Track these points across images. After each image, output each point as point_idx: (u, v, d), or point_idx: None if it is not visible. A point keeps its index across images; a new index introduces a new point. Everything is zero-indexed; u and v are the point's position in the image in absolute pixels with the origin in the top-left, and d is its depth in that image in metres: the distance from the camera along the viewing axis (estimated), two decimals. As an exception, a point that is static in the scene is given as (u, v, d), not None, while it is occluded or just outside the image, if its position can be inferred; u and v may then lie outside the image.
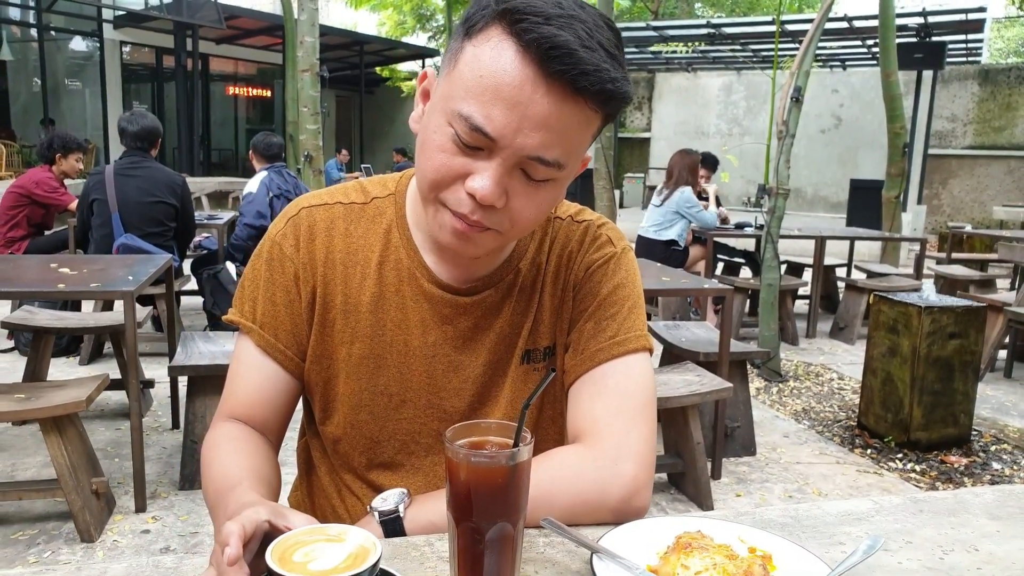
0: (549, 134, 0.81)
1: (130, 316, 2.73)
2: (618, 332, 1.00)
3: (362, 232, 1.03)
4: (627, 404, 0.97)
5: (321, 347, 1.03)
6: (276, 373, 1.02)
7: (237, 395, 1.03)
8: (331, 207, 1.04)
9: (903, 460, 3.64)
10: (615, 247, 1.06)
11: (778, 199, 4.82)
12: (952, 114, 14.79)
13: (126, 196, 4.34)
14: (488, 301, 1.02)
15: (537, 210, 0.89)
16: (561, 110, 0.81)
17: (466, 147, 0.83)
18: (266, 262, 1.03)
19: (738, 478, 3.39)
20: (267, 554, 0.68)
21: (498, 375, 1.04)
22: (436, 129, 0.86)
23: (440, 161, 0.85)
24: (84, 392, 2.58)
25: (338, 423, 1.06)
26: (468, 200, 0.85)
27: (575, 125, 0.83)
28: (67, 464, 2.56)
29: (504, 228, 0.88)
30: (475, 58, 0.82)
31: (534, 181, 0.86)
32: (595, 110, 0.84)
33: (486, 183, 0.83)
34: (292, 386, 1.04)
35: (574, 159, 0.87)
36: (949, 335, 3.69)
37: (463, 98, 0.82)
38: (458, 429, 0.78)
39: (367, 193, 1.06)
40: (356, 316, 1.02)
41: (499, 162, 0.83)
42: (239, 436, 1.00)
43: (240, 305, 1.04)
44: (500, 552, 0.75)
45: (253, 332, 1.01)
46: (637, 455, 0.94)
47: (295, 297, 1.02)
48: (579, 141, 0.86)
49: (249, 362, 1.03)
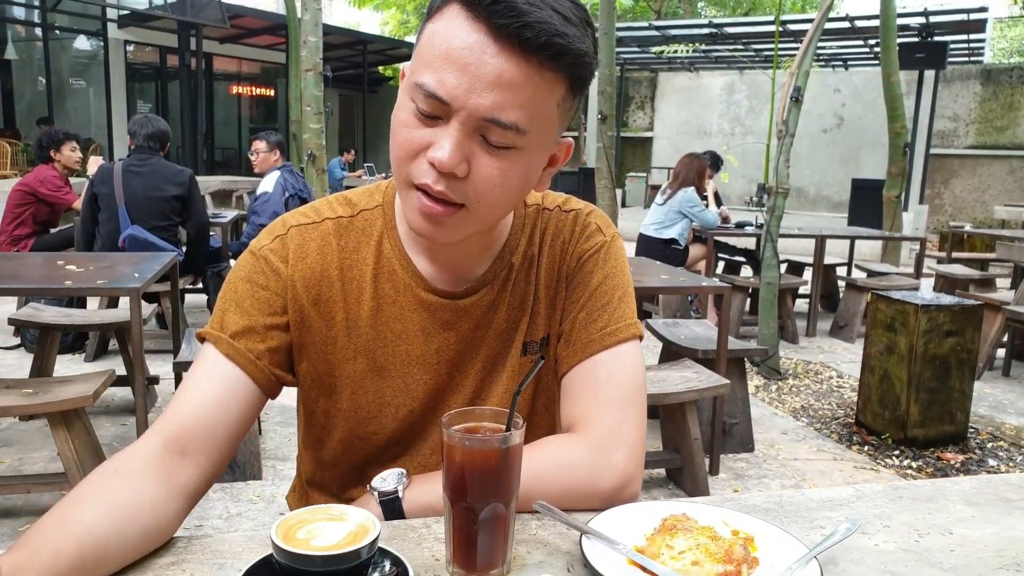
0: (502, 93, 0.81)
1: (136, 312, 2.78)
2: (609, 322, 1.03)
3: (354, 246, 1.02)
4: (618, 395, 1.00)
5: (323, 364, 1.03)
6: (239, 381, 0.95)
7: (182, 404, 0.93)
8: (320, 224, 1.03)
9: (900, 457, 3.67)
10: (604, 235, 1.08)
11: (777, 198, 4.85)
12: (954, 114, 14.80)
13: (133, 191, 4.45)
14: (485, 300, 1.03)
15: (503, 181, 0.87)
16: (513, 69, 0.81)
17: (426, 117, 0.85)
18: (247, 276, 1.00)
19: (736, 474, 3.43)
20: (272, 531, 0.72)
21: (497, 369, 1.06)
22: (401, 107, 0.88)
23: (404, 136, 0.87)
24: (91, 387, 2.62)
25: (340, 438, 1.07)
26: (430, 169, 0.85)
27: (531, 86, 0.82)
28: (74, 458, 2.60)
29: (470, 201, 0.87)
30: (432, 33, 0.84)
31: (495, 148, 0.85)
32: (553, 72, 0.83)
33: (444, 148, 0.83)
34: (253, 398, 0.97)
35: (537, 126, 0.85)
36: (946, 333, 3.72)
37: (420, 70, 0.84)
38: (454, 415, 0.82)
39: (353, 205, 1.05)
40: (357, 331, 1.02)
41: (456, 127, 0.83)
42: (132, 472, 0.86)
43: (210, 321, 1.00)
44: (493, 531, 0.79)
45: (221, 341, 0.96)
46: (628, 446, 0.98)
47: (278, 311, 0.99)
48: (539, 106, 0.84)
49: (208, 369, 0.96)
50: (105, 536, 0.77)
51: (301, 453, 1.19)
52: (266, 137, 5.33)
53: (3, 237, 5.17)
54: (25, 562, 0.71)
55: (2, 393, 2.56)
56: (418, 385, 1.04)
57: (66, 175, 5.40)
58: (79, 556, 0.74)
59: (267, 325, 0.99)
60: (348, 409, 1.05)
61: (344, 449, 1.08)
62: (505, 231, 1.05)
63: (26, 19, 13.99)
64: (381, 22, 21.62)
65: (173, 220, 4.60)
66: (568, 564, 0.83)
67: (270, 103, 18.80)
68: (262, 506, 2.94)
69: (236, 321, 0.97)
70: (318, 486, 1.15)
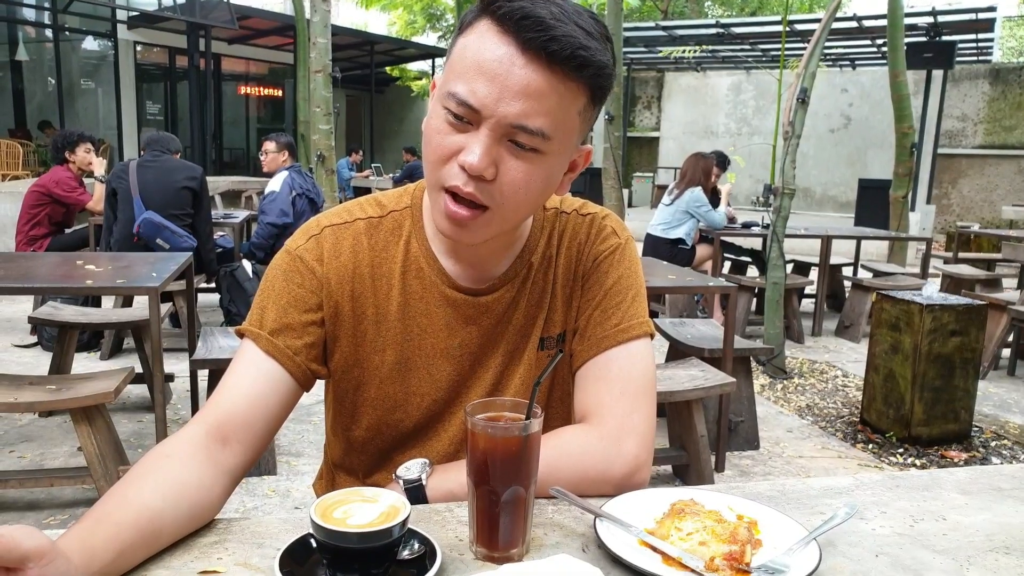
0: (529, 102, 0.88)
1: (155, 311, 2.84)
2: (622, 320, 1.09)
3: (383, 245, 1.09)
4: (629, 388, 1.06)
5: (354, 356, 1.09)
6: (278, 376, 1.02)
7: (223, 395, 1.00)
8: (352, 224, 1.09)
9: (904, 455, 3.72)
10: (619, 238, 1.14)
11: (783, 199, 4.89)
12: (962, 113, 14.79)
13: (146, 182, 4.71)
14: (506, 297, 1.10)
15: (527, 184, 0.93)
16: (540, 80, 0.88)
17: (457, 123, 0.91)
18: (283, 274, 1.06)
19: (741, 471, 3.48)
20: (311, 510, 0.78)
21: (515, 362, 1.12)
22: (433, 115, 0.95)
23: (437, 142, 0.93)
24: (111, 384, 2.69)
25: (367, 425, 1.13)
26: (461, 172, 0.91)
27: (556, 96, 0.89)
28: (96, 452, 2.67)
29: (495, 203, 0.93)
30: (463, 47, 0.92)
31: (521, 151, 0.91)
32: (576, 82, 0.90)
33: (474, 152, 0.89)
34: (290, 391, 1.04)
35: (560, 132, 0.92)
36: (950, 333, 3.76)
37: (453, 81, 0.91)
38: (477, 405, 0.88)
39: (383, 207, 1.11)
40: (387, 324, 1.08)
41: (486, 133, 0.89)
42: (181, 454, 0.92)
43: (249, 317, 1.07)
44: (513, 513, 0.85)
45: (260, 338, 1.02)
46: (639, 435, 1.04)
47: (313, 308, 1.05)
48: (563, 114, 0.91)
49: (248, 364, 1.02)
50: (160, 511, 0.83)
51: (329, 439, 1.25)
52: (276, 138, 5.43)
53: (19, 237, 5.25)
54: (88, 535, 0.77)
55: (26, 389, 2.64)
56: (442, 376, 1.11)
57: (81, 176, 5.48)
58: (137, 529, 0.80)
59: (304, 322, 1.05)
60: (376, 398, 1.11)
61: (372, 435, 1.14)
62: (525, 233, 1.11)
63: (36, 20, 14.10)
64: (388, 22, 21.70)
65: (186, 211, 4.78)
66: (583, 545, 0.89)
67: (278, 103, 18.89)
68: (277, 500, 3.01)
69: (274, 318, 1.04)
70: (346, 470, 1.22)
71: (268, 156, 5.40)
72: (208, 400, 1.02)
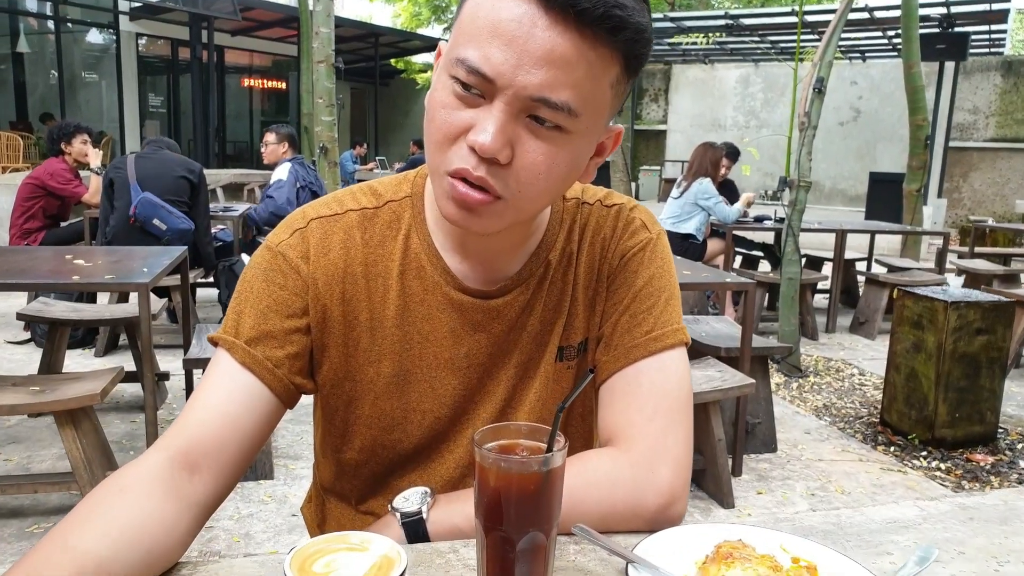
0: (553, 70, 0.73)
1: (144, 308, 2.71)
2: (654, 327, 0.95)
3: (379, 240, 0.95)
4: (663, 405, 0.92)
5: (344, 368, 0.95)
6: (256, 392, 0.88)
7: (191, 415, 0.86)
8: (342, 216, 0.95)
9: (927, 458, 3.57)
10: (650, 232, 1.00)
11: (799, 191, 4.74)
12: (974, 106, 14.57)
13: (144, 171, 4.61)
14: (520, 301, 0.96)
15: (548, 169, 0.78)
16: (566, 44, 0.73)
17: (467, 96, 0.76)
18: (263, 274, 0.92)
19: (759, 475, 3.34)
20: (286, 564, 0.64)
21: (529, 375, 0.98)
22: (439, 87, 0.80)
23: (442, 118, 0.79)
24: (99, 385, 2.56)
25: (361, 446, 0.99)
26: (470, 155, 0.77)
27: (585, 64, 0.74)
28: (82, 457, 2.54)
29: (510, 191, 0.79)
30: (476, 4, 0.76)
31: (543, 129, 0.77)
32: (609, 48, 0.75)
33: (486, 130, 0.75)
34: (271, 409, 0.89)
35: (589, 108, 0.77)
36: (976, 331, 3.61)
37: (462, 45, 0.76)
38: (487, 432, 0.73)
39: (379, 196, 0.97)
40: (382, 332, 0.94)
41: (501, 107, 0.75)
42: (137, 488, 0.78)
43: (223, 324, 0.92)
44: (531, 562, 0.70)
45: (236, 348, 0.88)
46: (674, 460, 0.90)
47: (297, 313, 0.91)
48: (593, 86, 0.76)
49: (221, 378, 0.88)
50: (108, 559, 0.70)
51: (318, 460, 1.11)
52: (276, 129, 5.33)
53: (13, 231, 5.12)
54: None
55: (9, 391, 2.51)
56: (446, 390, 0.96)
57: (76, 168, 5.35)
58: None
59: (286, 329, 0.91)
60: (371, 415, 0.97)
61: (365, 457, 1.00)
62: (542, 226, 0.97)
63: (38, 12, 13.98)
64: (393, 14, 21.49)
65: (183, 199, 4.69)
66: (614, 598, 0.75)
67: (282, 96, 18.74)
68: (274, 506, 2.88)
69: (252, 325, 0.90)
70: (336, 495, 1.08)
71: (268, 147, 5.30)
72: (174, 421, 0.88)
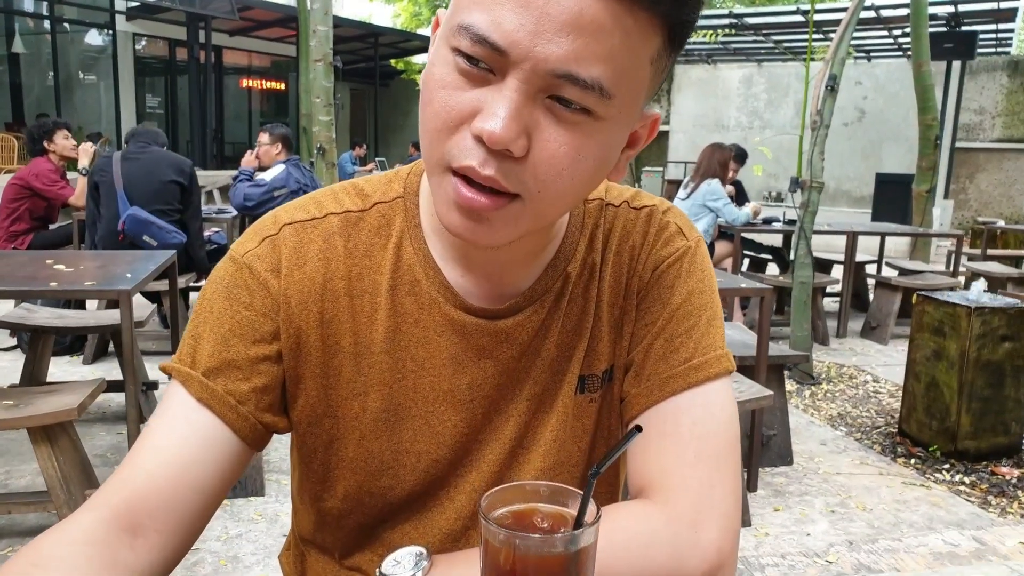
0: (581, 39, 0.57)
1: (127, 317, 2.55)
2: (694, 353, 0.79)
3: (365, 250, 0.79)
4: (707, 448, 0.76)
5: (324, 403, 0.79)
6: (215, 434, 0.73)
7: (136, 463, 0.71)
8: (322, 221, 0.79)
9: (950, 471, 3.41)
10: (687, 239, 0.83)
11: (812, 192, 4.58)
12: (980, 106, 14.42)
13: (131, 176, 4.36)
14: (533, 321, 0.79)
15: (573, 163, 0.63)
16: (598, 5, 0.57)
17: (473, 71, 0.61)
18: (225, 290, 0.76)
19: (775, 490, 3.18)
20: None
21: (544, 410, 0.82)
22: (437, 62, 0.64)
23: (442, 101, 0.62)
24: (77, 399, 2.40)
25: (345, 494, 0.83)
26: (476, 147, 0.61)
27: (620, 32, 0.58)
28: (58, 476, 2.38)
29: (528, 191, 0.63)
30: None
31: (568, 113, 0.61)
32: (650, 14, 0.59)
33: (497, 115, 0.59)
34: (234, 454, 0.74)
35: (624, 88, 0.61)
36: (1001, 338, 3.45)
37: (466, 7, 0.60)
38: (496, 495, 0.58)
39: (366, 197, 0.82)
40: (369, 359, 0.78)
41: (515, 86, 0.59)
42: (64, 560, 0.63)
43: (178, 351, 0.78)
44: (556, 670, 0.55)
45: (191, 380, 0.73)
46: (722, 517, 0.74)
47: (266, 337, 0.76)
48: (630, 60, 0.60)
49: (174, 418, 0.73)
50: None
51: (296, 507, 0.95)
52: (270, 130, 5.17)
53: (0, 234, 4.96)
54: None
55: (-21, 405, 2.35)
56: (445, 428, 0.81)
57: (63, 167, 5.18)
58: None
59: (253, 357, 0.76)
60: (355, 458, 0.81)
61: (350, 507, 0.84)
62: (560, 233, 0.81)
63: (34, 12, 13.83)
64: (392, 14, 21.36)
65: (174, 206, 4.44)
66: None
67: (281, 97, 18.61)
68: (264, 526, 2.72)
69: (212, 353, 0.74)
70: (317, 548, 0.92)
71: (261, 148, 5.14)
72: (115, 471, 0.73)
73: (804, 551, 2.61)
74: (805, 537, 2.77)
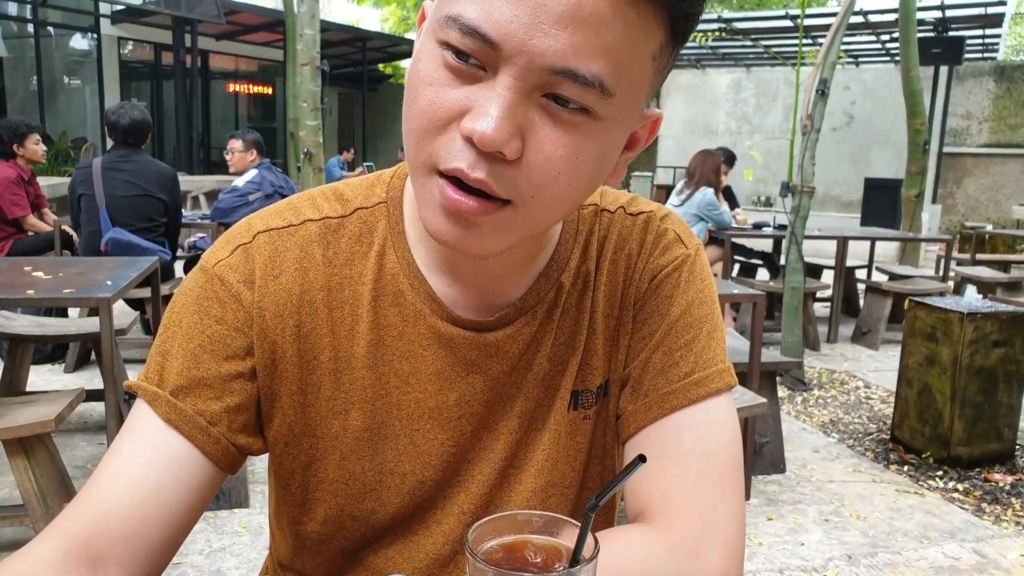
0: (581, 32, 0.54)
1: (107, 325, 2.49)
2: (695, 367, 0.75)
3: (345, 258, 0.75)
4: (710, 469, 0.72)
5: (302, 422, 0.75)
6: (184, 457, 0.68)
7: (98, 489, 0.67)
8: (299, 228, 0.75)
9: (943, 478, 3.38)
10: (686, 247, 0.79)
11: (803, 197, 4.56)
12: (967, 111, 14.51)
13: (114, 191, 4.17)
14: (524, 333, 0.75)
15: (570, 167, 0.59)
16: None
17: (462, 67, 0.57)
18: (195, 303, 0.72)
19: (768, 499, 3.14)
20: None
21: (536, 427, 0.78)
22: (423, 57, 0.60)
23: (427, 98, 0.58)
24: (55, 409, 2.34)
25: (324, 517, 0.78)
26: (465, 148, 0.57)
27: (622, 25, 0.55)
28: (35, 489, 2.32)
29: (521, 196, 0.59)
30: None
31: (565, 113, 0.57)
32: (652, 7, 0.56)
33: (488, 115, 0.55)
34: (204, 478, 0.70)
35: (625, 86, 0.58)
36: (993, 343, 3.43)
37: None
38: (483, 527, 0.53)
39: (346, 202, 0.77)
40: (350, 375, 0.74)
41: (508, 83, 0.55)
42: None
43: (145, 368, 0.73)
44: None
45: (159, 400, 0.69)
46: (726, 542, 0.70)
47: (239, 353, 0.71)
48: (632, 57, 0.57)
49: (140, 440, 0.69)
50: None
51: (273, 531, 0.90)
52: (242, 136, 5.02)
53: (-25, 240, 4.86)
54: None
55: (-48, 417, 2.28)
56: (431, 447, 0.76)
57: (32, 170, 5.05)
58: None
59: (224, 375, 0.71)
60: (336, 479, 0.77)
61: (331, 531, 0.79)
62: (553, 240, 0.76)
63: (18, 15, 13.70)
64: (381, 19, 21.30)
65: (157, 221, 4.32)
66: None
67: (268, 101, 18.50)
68: (249, 538, 2.66)
69: (180, 370, 0.70)
70: (296, 574, 0.87)
71: (235, 155, 5.00)
72: (76, 496, 0.68)
73: (802, 566, 2.56)
74: (799, 547, 2.74)
